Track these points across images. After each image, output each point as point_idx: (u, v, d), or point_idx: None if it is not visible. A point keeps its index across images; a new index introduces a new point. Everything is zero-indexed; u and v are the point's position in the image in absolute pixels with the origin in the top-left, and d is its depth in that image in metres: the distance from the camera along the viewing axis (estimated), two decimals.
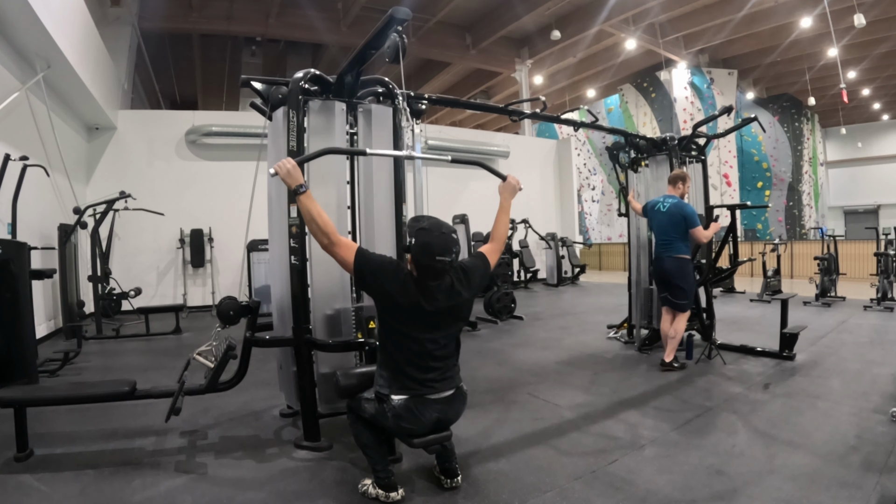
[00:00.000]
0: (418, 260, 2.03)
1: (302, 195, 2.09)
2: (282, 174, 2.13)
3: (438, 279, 2.07)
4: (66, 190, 6.35)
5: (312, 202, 2.10)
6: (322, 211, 2.11)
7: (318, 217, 2.07)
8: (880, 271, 6.96)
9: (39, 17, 4.52)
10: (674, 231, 4.13)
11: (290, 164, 2.14)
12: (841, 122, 19.70)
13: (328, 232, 2.08)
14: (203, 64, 14.08)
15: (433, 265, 2.00)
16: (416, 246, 2.02)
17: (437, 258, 1.99)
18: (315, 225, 2.08)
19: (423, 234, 2.03)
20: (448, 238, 2.04)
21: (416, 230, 2.05)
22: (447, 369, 2.16)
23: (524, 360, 4.59)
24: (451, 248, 2.03)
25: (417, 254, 2.02)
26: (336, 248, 2.09)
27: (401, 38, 2.37)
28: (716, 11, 12.32)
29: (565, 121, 4.75)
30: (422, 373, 2.09)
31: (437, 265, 2.00)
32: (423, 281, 2.06)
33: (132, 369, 4.39)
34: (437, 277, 2.06)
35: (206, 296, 8.66)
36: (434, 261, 1.99)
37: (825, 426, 2.85)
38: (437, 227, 2.05)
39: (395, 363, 2.10)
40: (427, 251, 1.99)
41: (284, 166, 2.13)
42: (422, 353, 2.08)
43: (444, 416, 2.15)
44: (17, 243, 3.85)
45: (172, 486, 2.29)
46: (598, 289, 10.51)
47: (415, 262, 2.05)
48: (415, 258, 2.04)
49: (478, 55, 13.83)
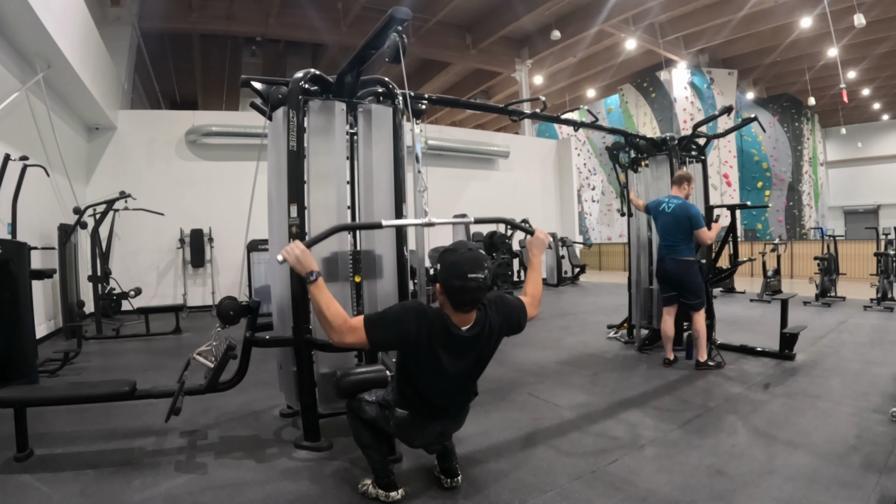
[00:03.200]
0: (450, 283, 1.85)
1: (312, 284, 1.88)
2: (291, 262, 1.92)
3: (474, 302, 1.90)
4: (66, 190, 6.34)
5: (323, 292, 1.88)
6: (332, 300, 1.89)
7: (326, 309, 1.86)
8: (880, 271, 6.97)
9: (39, 17, 4.52)
10: (679, 232, 4.13)
11: (299, 250, 1.93)
12: (841, 122, 19.70)
13: (338, 325, 1.86)
14: (203, 64, 14.09)
15: (466, 284, 1.83)
16: (444, 268, 1.86)
17: (469, 276, 1.82)
18: (324, 319, 1.87)
19: (448, 255, 1.89)
20: (477, 254, 1.89)
21: (440, 255, 1.93)
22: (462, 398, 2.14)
23: (524, 360, 4.59)
24: (483, 263, 1.86)
25: (447, 276, 1.85)
26: (349, 337, 1.87)
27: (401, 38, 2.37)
28: (716, 11, 12.32)
29: (565, 121, 4.75)
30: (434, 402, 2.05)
31: (471, 283, 1.83)
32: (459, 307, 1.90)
33: (132, 369, 4.39)
34: (473, 300, 1.88)
35: (206, 296, 8.65)
36: (466, 279, 1.82)
37: (825, 426, 2.85)
38: (464, 246, 1.94)
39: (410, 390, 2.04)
40: (457, 270, 1.83)
41: (293, 252, 1.92)
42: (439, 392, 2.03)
43: (447, 430, 2.15)
44: (17, 243, 3.85)
45: (172, 486, 2.29)
46: (598, 289, 10.51)
47: (445, 288, 1.87)
48: (445, 283, 1.87)
49: (478, 55, 13.83)
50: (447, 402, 2.07)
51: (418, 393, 2.03)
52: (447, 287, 1.87)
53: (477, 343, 1.98)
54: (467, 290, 1.84)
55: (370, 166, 2.96)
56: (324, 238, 2.19)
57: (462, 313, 1.93)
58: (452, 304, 1.90)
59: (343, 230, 2.44)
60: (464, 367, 2.00)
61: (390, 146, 3.00)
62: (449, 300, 1.90)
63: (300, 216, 2.74)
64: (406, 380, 2.05)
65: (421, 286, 3.42)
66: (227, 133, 8.68)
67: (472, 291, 1.85)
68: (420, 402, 2.04)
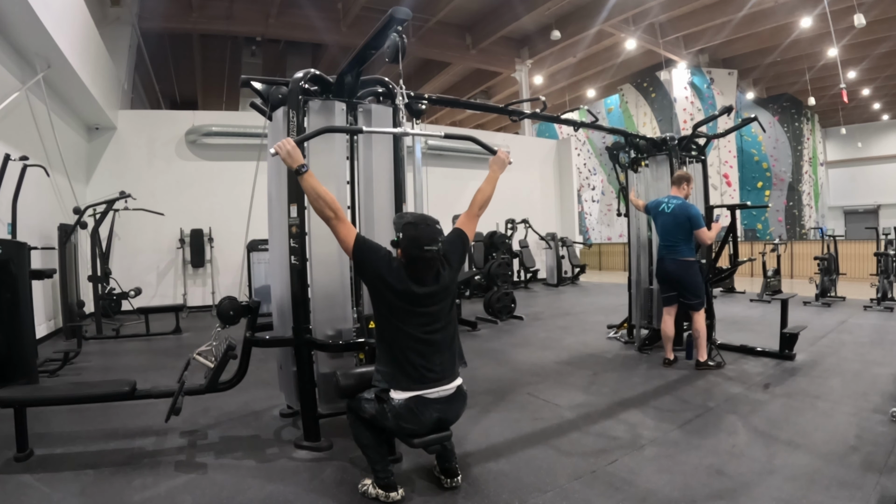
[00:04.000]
0: (408, 252, 2.13)
1: (304, 174, 2.18)
2: (282, 155, 2.21)
3: (429, 268, 2.17)
4: (66, 190, 6.35)
5: (315, 180, 2.18)
6: (325, 189, 2.19)
7: (324, 194, 2.16)
8: (880, 271, 6.96)
9: (39, 17, 4.52)
10: (678, 233, 4.13)
11: (290, 145, 2.22)
12: (841, 122, 19.70)
13: (335, 208, 2.17)
14: (203, 64, 14.08)
15: (423, 255, 2.11)
16: (405, 239, 2.13)
17: (426, 248, 2.11)
18: (322, 201, 2.15)
19: (409, 228, 2.14)
20: (433, 229, 2.16)
21: (402, 225, 2.17)
22: (445, 357, 2.17)
23: (524, 360, 4.59)
24: (437, 237, 2.15)
25: (407, 246, 2.13)
26: (341, 224, 2.18)
27: (401, 38, 2.37)
28: (716, 11, 12.32)
29: (565, 121, 4.75)
30: (421, 362, 2.10)
31: (427, 254, 2.12)
32: (414, 269, 2.15)
33: (132, 369, 4.39)
34: (428, 266, 2.16)
35: (206, 296, 8.65)
36: (423, 251, 2.11)
37: (825, 426, 2.85)
38: (423, 221, 2.18)
39: (394, 356, 2.11)
40: (416, 243, 2.11)
41: (284, 147, 2.21)
42: (418, 341, 2.10)
43: (445, 415, 2.15)
44: (17, 243, 3.85)
45: (172, 486, 2.29)
46: (598, 289, 10.51)
47: (405, 253, 2.15)
48: (405, 251, 2.14)
49: (478, 55, 13.82)
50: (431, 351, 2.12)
51: (401, 347, 2.09)
52: (406, 255, 2.15)
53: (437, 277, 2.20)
54: (423, 259, 2.13)
55: (370, 166, 2.97)
56: (312, 137, 2.43)
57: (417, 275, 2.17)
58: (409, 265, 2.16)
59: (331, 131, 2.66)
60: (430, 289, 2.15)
61: (390, 146, 3.00)
62: (407, 262, 2.16)
63: (300, 216, 2.74)
64: (387, 332, 2.14)
65: None
66: (227, 133, 8.68)
67: (427, 261, 2.14)
68: (406, 363, 2.08)
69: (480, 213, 2.52)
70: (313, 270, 2.79)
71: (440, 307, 2.19)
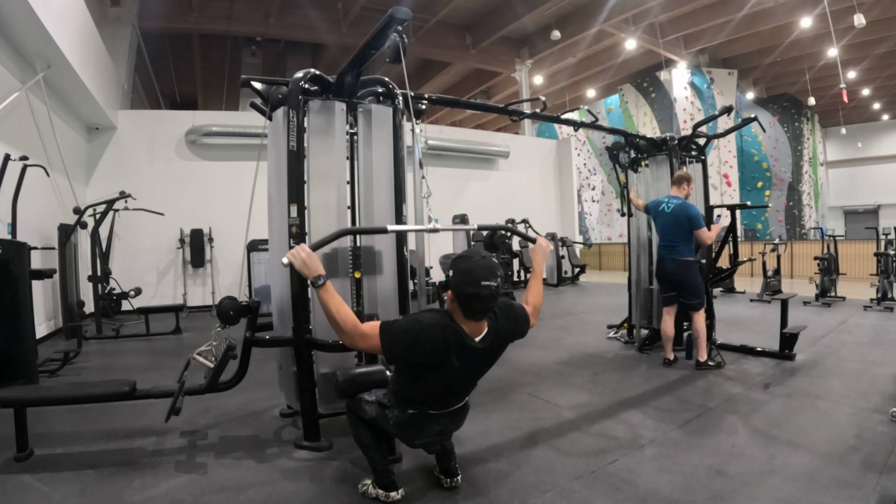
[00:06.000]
0: (462, 290, 1.83)
1: (320, 288, 1.86)
2: (297, 265, 1.91)
3: (485, 310, 1.89)
4: (66, 190, 6.34)
5: (332, 296, 1.85)
6: (342, 304, 1.87)
7: (337, 314, 1.84)
8: (880, 271, 6.96)
9: (39, 17, 4.52)
10: (678, 233, 4.13)
11: (305, 254, 1.91)
12: (841, 122, 19.70)
13: (350, 328, 1.84)
14: (203, 64, 14.08)
15: (479, 292, 1.81)
16: (458, 274, 1.85)
17: (483, 283, 1.81)
18: (336, 322, 1.85)
19: (461, 261, 1.88)
20: (490, 262, 1.87)
21: (452, 261, 1.91)
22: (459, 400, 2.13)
23: (524, 360, 4.59)
24: (496, 271, 1.85)
25: (460, 282, 1.84)
26: (362, 341, 1.86)
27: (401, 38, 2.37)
28: (716, 11, 12.32)
29: (565, 121, 4.75)
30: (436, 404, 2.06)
31: (484, 291, 1.81)
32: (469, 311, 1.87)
33: (132, 369, 4.39)
34: (485, 308, 1.87)
35: (206, 296, 8.65)
36: (480, 287, 1.81)
37: (825, 426, 2.85)
38: (477, 253, 1.92)
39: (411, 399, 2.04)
40: (471, 277, 1.81)
41: (299, 256, 1.90)
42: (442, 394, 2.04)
43: (447, 428, 2.14)
44: (17, 243, 3.85)
45: (172, 486, 2.29)
46: (598, 289, 10.51)
47: (458, 294, 1.85)
48: (457, 289, 1.85)
49: (478, 55, 13.83)
50: (447, 403, 2.08)
51: (417, 395, 2.04)
52: (459, 294, 1.85)
53: (489, 353, 2.00)
54: (479, 297, 1.83)
55: (370, 166, 2.96)
56: (329, 242, 2.21)
57: (473, 321, 1.91)
58: (464, 311, 1.88)
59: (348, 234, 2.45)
60: (471, 375, 2.05)
61: (390, 146, 3.00)
62: (460, 307, 1.88)
63: (300, 216, 2.74)
64: (408, 382, 2.04)
65: (420, 286, 3.42)
66: (227, 133, 8.68)
67: (484, 299, 1.84)
68: (420, 404, 2.04)
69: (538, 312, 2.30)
70: None
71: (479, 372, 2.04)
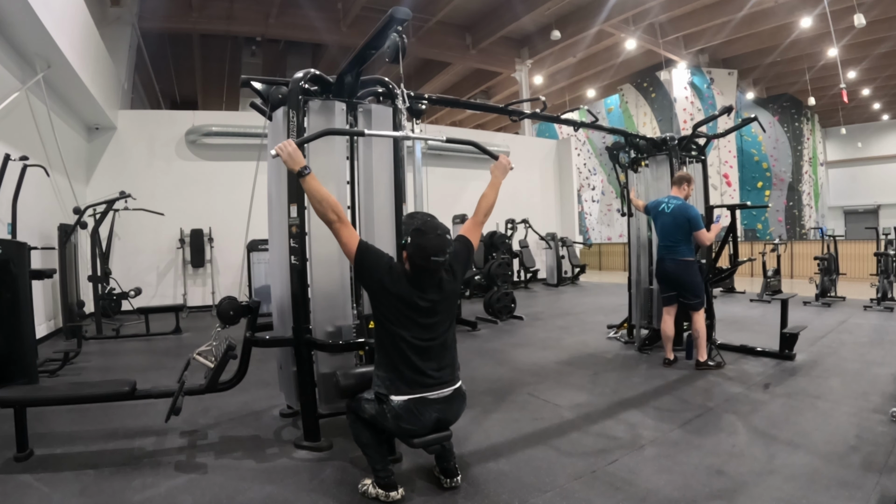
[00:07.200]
0: (414, 260, 2.12)
1: (307, 177, 2.16)
2: (283, 157, 2.19)
3: (432, 277, 2.15)
4: (66, 190, 6.34)
5: (317, 182, 2.16)
6: (328, 193, 2.16)
7: (326, 197, 2.14)
8: (880, 271, 6.96)
9: (39, 17, 4.52)
10: (678, 233, 4.13)
11: (292, 147, 2.20)
12: (841, 122, 19.70)
13: (338, 211, 2.15)
14: (203, 64, 14.08)
15: (428, 266, 2.10)
16: (412, 246, 2.11)
17: (433, 259, 2.09)
18: (325, 204, 2.13)
19: (418, 234, 2.11)
20: (443, 239, 2.12)
21: (411, 230, 2.14)
22: (444, 363, 2.17)
23: (524, 360, 4.59)
24: (445, 248, 2.12)
25: (413, 254, 2.11)
26: (344, 227, 2.16)
27: (401, 38, 2.37)
28: (716, 11, 12.32)
29: (565, 121, 4.75)
30: (419, 368, 2.10)
31: (432, 265, 2.10)
32: (417, 277, 2.13)
33: (132, 369, 4.39)
34: (432, 276, 2.15)
35: (206, 296, 8.65)
36: (429, 262, 2.09)
37: (825, 426, 2.85)
38: (433, 229, 2.13)
39: (393, 362, 2.11)
40: (423, 253, 2.08)
41: (286, 149, 2.19)
42: (417, 349, 2.11)
43: (444, 416, 2.16)
44: (17, 243, 3.85)
45: (172, 486, 2.29)
46: (598, 289, 10.51)
47: (410, 260, 2.14)
48: (410, 258, 2.13)
49: (478, 55, 13.83)
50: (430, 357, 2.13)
51: (400, 353, 2.09)
52: (412, 261, 2.13)
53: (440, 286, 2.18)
54: (428, 269, 2.12)
55: (370, 166, 2.97)
56: (314, 138, 2.43)
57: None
58: (413, 272, 2.14)
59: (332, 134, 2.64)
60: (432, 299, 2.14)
61: (390, 146, 3.00)
62: (412, 269, 2.15)
63: (300, 216, 2.74)
64: (386, 338, 2.13)
65: None
66: (227, 133, 8.68)
67: (432, 271, 2.13)
68: (405, 368, 2.09)
69: (485, 219, 2.50)
70: (313, 270, 2.79)
71: (441, 317, 2.18)
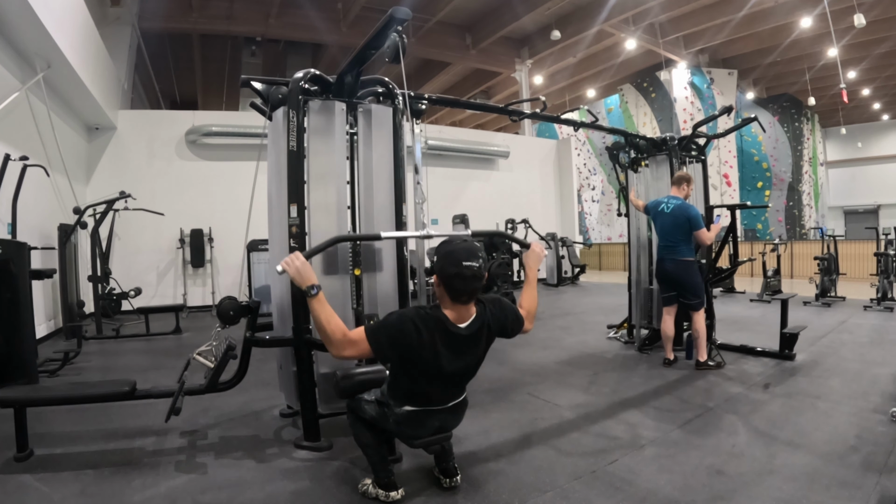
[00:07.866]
0: (446, 271, 1.92)
1: (313, 298, 1.92)
2: (291, 273, 1.95)
3: (471, 293, 1.95)
4: (66, 190, 6.34)
5: (324, 307, 1.92)
6: (332, 315, 1.93)
7: (327, 324, 1.91)
8: (880, 271, 6.96)
9: (39, 17, 4.52)
10: (677, 233, 4.12)
11: (300, 262, 1.95)
12: (841, 122, 19.69)
13: (337, 339, 1.91)
14: (203, 64, 14.08)
15: (462, 272, 1.89)
16: (441, 257, 1.95)
17: (465, 263, 1.90)
18: (325, 333, 1.92)
19: (444, 246, 1.99)
20: (472, 245, 1.97)
21: (437, 248, 2.02)
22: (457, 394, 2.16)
23: (524, 360, 4.59)
24: (477, 253, 1.94)
25: (444, 264, 1.93)
26: (348, 350, 1.93)
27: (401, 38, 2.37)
28: (716, 11, 12.32)
29: (565, 121, 4.75)
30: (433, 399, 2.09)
31: (466, 271, 1.90)
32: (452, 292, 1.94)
33: (132, 369, 4.39)
34: (470, 289, 1.94)
35: (206, 296, 8.65)
36: (462, 267, 1.89)
37: (825, 426, 2.85)
38: (458, 238, 2.04)
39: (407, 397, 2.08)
40: (453, 258, 1.91)
41: (293, 264, 1.95)
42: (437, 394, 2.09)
43: (446, 424, 2.16)
44: (17, 243, 3.85)
45: (172, 486, 2.29)
46: (598, 289, 10.51)
47: (442, 276, 1.95)
48: (441, 272, 1.94)
49: (478, 55, 13.83)
50: (444, 396, 2.11)
51: (415, 391, 2.06)
52: (443, 275, 1.94)
53: (475, 340, 2.05)
54: (462, 277, 1.90)
55: (370, 166, 2.96)
56: (323, 250, 2.23)
57: (460, 305, 1.98)
58: (449, 294, 1.96)
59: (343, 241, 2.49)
60: (461, 365, 2.05)
61: (390, 146, 3.00)
62: (446, 290, 1.96)
63: (300, 216, 2.74)
64: (403, 378, 2.08)
65: (420, 286, 3.42)
66: (227, 133, 8.68)
67: (466, 279, 1.91)
68: (417, 399, 2.07)
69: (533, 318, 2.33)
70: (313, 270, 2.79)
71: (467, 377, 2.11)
